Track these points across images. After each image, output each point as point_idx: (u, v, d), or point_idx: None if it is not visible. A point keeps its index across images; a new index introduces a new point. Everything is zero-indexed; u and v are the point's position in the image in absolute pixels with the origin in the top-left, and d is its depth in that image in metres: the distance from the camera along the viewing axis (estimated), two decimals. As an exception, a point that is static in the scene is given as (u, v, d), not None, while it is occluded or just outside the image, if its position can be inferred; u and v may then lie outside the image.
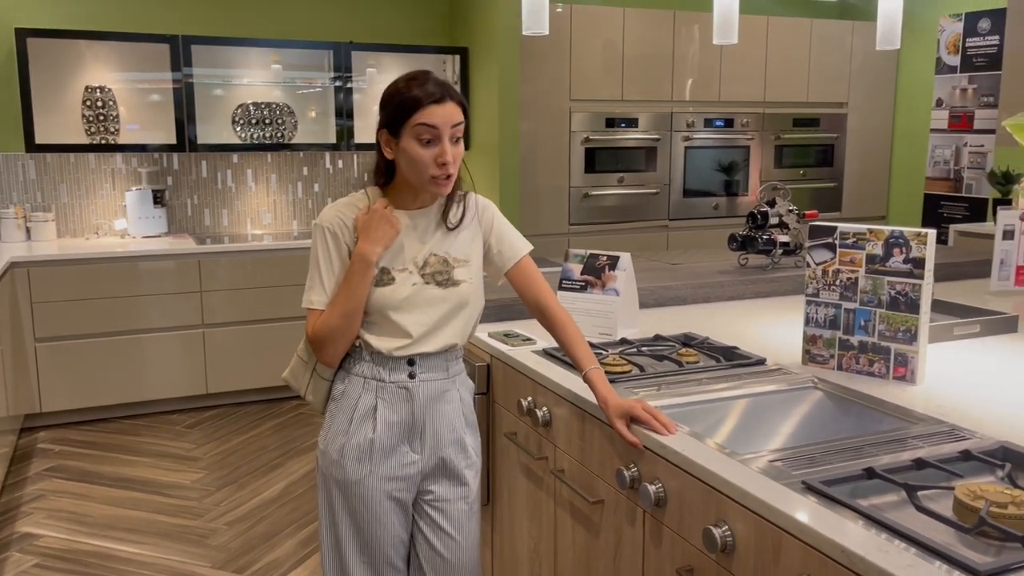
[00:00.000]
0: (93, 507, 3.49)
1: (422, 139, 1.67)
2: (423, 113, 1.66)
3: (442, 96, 1.67)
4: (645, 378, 1.91)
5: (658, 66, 5.50)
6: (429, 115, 1.66)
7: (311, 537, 3.24)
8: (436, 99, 1.67)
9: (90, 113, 4.72)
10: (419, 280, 1.77)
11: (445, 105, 1.67)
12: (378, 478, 1.79)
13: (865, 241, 1.88)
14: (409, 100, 1.67)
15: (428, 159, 1.68)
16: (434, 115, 1.66)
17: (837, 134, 6.13)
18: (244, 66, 5.10)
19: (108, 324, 4.43)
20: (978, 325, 2.31)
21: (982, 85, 5.58)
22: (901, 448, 1.49)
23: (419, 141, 1.68)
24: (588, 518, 1.84)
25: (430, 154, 1.68)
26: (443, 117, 1.67)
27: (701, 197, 5.77)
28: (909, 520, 1.22)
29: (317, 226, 1.78)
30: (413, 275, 1.77)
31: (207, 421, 4.56)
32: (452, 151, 1.69)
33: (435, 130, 1.67)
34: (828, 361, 1.98)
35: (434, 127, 1.67)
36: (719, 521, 1.39)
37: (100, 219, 4.93)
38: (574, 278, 2.38)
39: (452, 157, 1.69)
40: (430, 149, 1.68)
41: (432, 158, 1.68)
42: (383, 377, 1.78)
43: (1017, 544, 1.14)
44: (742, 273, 2.98)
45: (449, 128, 1.68)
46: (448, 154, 1.68)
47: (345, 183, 5.43)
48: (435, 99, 1.67)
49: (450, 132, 1.69)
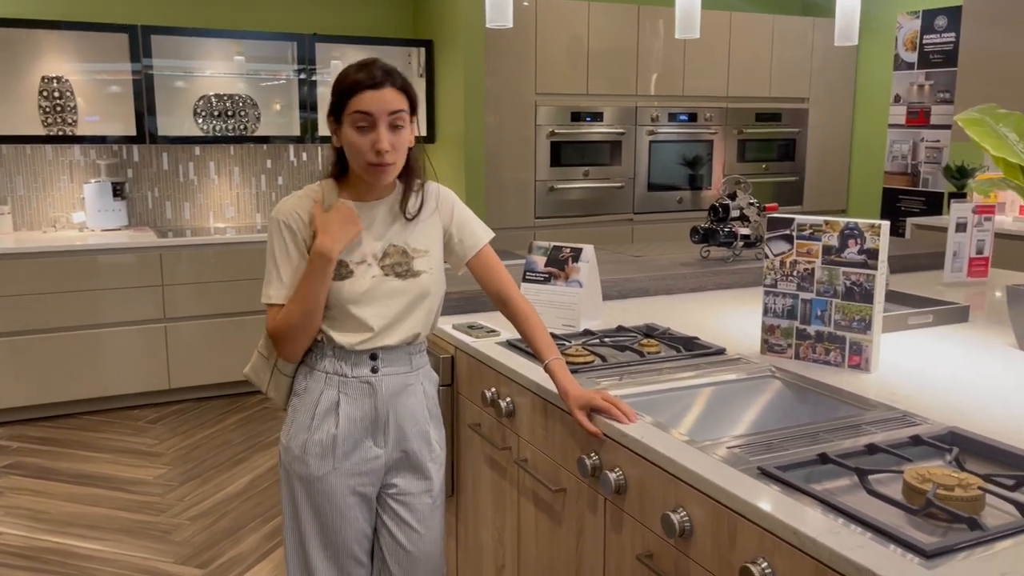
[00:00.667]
0: (53, 504, 3.45)
1: (358, 126, 1.66)
2: (357, 99, 1.65)
3: (379, 82, 1.65)
4: (607, 368, 1.93)
5: (623, 60, 5.53)
6: (362, 101, 1.65)
7: (276, 531, 3.22)
8: (371, 85, 1.65)
9: (47, 104, 4.63)
10: (379, 272, 1.76)
11: (381, 91, 1.65)
12: (341, 473, 1.79)
13: (821, 233, 1.92)
14: (346, 86, 1.66)
15: (365, 146, 1.67)
16: (368, 101, 1.65)
17: (799, 129, 6.22)
18: (206, 57, 5.04)
19: (67, 319, 4.36)
20: (931, 315, 2.37)
21: (939, 81, 5.70)
22: (854, 434, 1.53)
23: (355, 128, 1.67)
24: (551, 507, 1.86)
25: (366, 141, 1.67)
26: (378, 104, 1.65)
27: (665, 191, 5.83)
28: (860, 503, 1.25)
29: (273, 220, 1.77)
30: (372, 267, 1.76)
31: (170, 416, 4.51)
32: (390, 138, 1.67)
33: (370, 117, 1.65)
34: (786, 350, 2.02)
35: (368, 114, 1.65)
36: (677, 507, 1.41)
37: (58, 212, 4.85)
38: (538, 270, 2.40)
39: (389, 144, 1.67)
40: (366, 136, 1.67)
41: (369, 145, 1.67)
42: (345, 372, 1.77)
43: (963, 525, 1.18)
44: (704, 265, 3.02)
45: (385, 115, 1.66)
46: (383, 141, 1.66)
47: (309, 176, 5.39)
48: (370, 85, 1.65)
49: (387, 119, 1.66)
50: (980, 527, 1.16)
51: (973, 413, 1.64)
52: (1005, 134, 2.11)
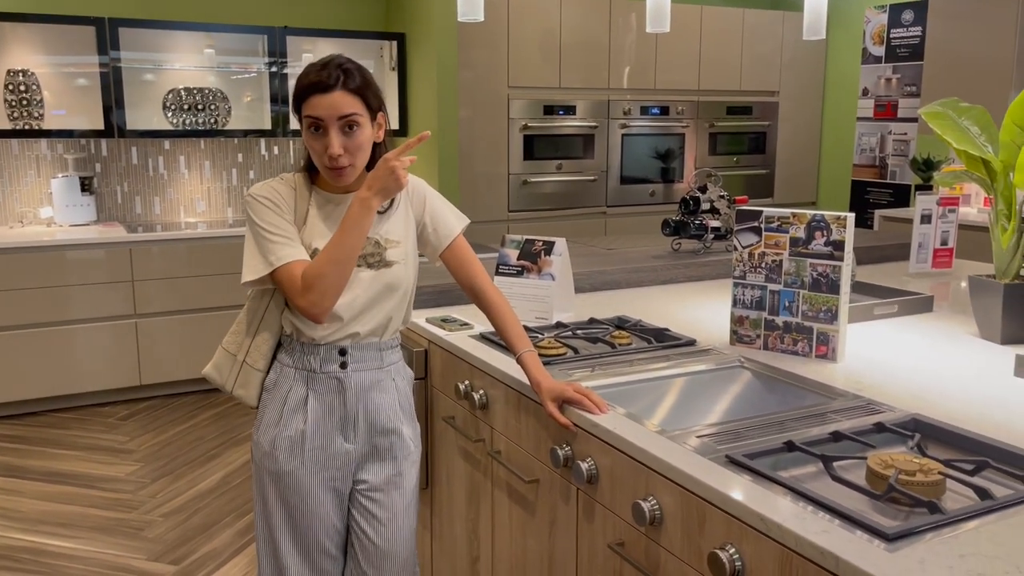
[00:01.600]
0: (23, 502, 3.41)
1: (311, 129, 1.66)
2: (308, 104, 1.65)
3: (329, 85, 1.63)
4: (579, 360, 1.95)
5: (595, 54, 5.55)
6: (311, 106, 1.65)
7: (249, 527, 3.21)
8: (321, 89, 1.63)
9: (12, 97, 4.56)
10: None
11: (330, 95, 1.63)
12: (310, 469, 1.78)
13: (789, 225, 1.95)
14: (298, 90, 1.67)
15: (319, 149, 1.67)
16: (316, 107, 1.64)
17: (769, 122, 6.28)
18: (175, 50, 4.98)
19: (35, 315, 4.30)
20: (896, 305, 2.41)
21: (905, 75, 5.78)
22: (820, 422, 1.56)
23: (309, 131, 1.67)
24: (524, 497, 1.87)
25: (319, 145, 1.67)
26: (327, 108, 1.64)
27: (638, 184, 5.86)
28: (825, 489, 1.28)
29: (251, 198, 1.73)
30: None
31: (141, 412, 4.47)
32: (342, 141, 1.65)
33: (320, 121, 1.65)
34: (755, 341, 2.05)
35: (318, 119, 1.65)
36: (648, 496, 1.43)
37: (25, 207, 4.78)
38: (510, 263, 2.41)
39: (340, 148, 1.65)
40: (319, 140, 1.66)
41: (321, 149, 1.67)
42: (314, 367, 1.77)
43: (923, 509, 1.21)
44: (675, 258, 3.05)
45: (335, 120, 1.64)
46: (334, 146, 1.65)
47: (281, 170, 5.36)
48: (320, 89, 1.63)
49: (338, 124, 1.65)
50: (940, 511, 1.19)
51: (935, 400, 1.68)
52: (967, 127, 2.16)
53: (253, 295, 1.83)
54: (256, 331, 1.82)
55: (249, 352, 1.82)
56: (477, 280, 1.88)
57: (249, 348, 1.82)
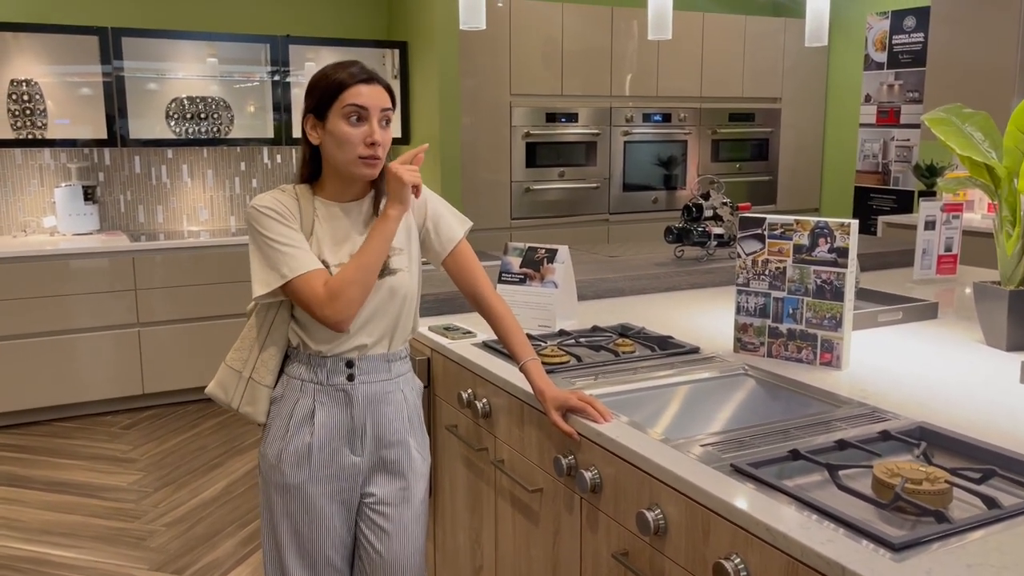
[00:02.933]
0: (26, 512, 3.40)
1: (350, 119, 1.66)
2: (351, 92, 1.66)
3: (370, 78, 1.69)
4: (582, 368, 1.94)
5: (597, 61, 5.56)
6: (357, 95, 1.66)
7: (251, 536, 3.20)
8: (364, 79, 1.67)
9: (16, 107, 4.57)
10: None
11: (373, 86, 1.68)
12: (317, 482, 1.77)
13: (792, 232, 1.95)
14: (336, 82, 1.67)
15: (357, 138, 1.67)
16: (363, 95, 1.66)
17: (771, 129, 6.28)
18: (178, 59, 4.99)
19: (38, 324, 4.30)
20: (901, 312, 2.40)
21: (908, 81, 5.78)
22: (825, 430, 1.55)
23: (347, 120, 1.66)
24: (527, 507, 1.86)
25: (359, 133, 1.67)
26: (372, 98, 1.67)
27: (640, 191, 5.86)
28: (830, 498, 1.27)
29: (254, 210, 1.71)
30: None
31: (144, 422, 4.47)
32: (381, 133, 1.69)
33: (364, 110, 1.66)
34: (758, 348, 2.04)
35: (363, 107, 1.66)
36: (652, 505, 1.42)
37: (28, 216, 4.78)
38: (513, 271, 2.40)
39: (381, 139, 1.69)
40: (359, 128, 1.67)
41: (361, 137, 1.67)
42: (320, 380, 1.76)
43: (931, 518, 1.20)
44: (678, 265, 3.05)
45: (378, 110, 1.68)
46: (378, 134, 1.68)
47: (284, 178, 5.36)
48: (363, 79, 1.67)
49: (379, 115, 1.68)
50: (947, 520, 1.18)
51: (941, 408, 1.67)
52: (971, 133, 2.15)
53: (258, 309, 1.79)
54: (263, 345, 1.79)
55: (256, 368, 1.79)
56: (480, 287, 1.86)
57: (256, 364, 1.79)
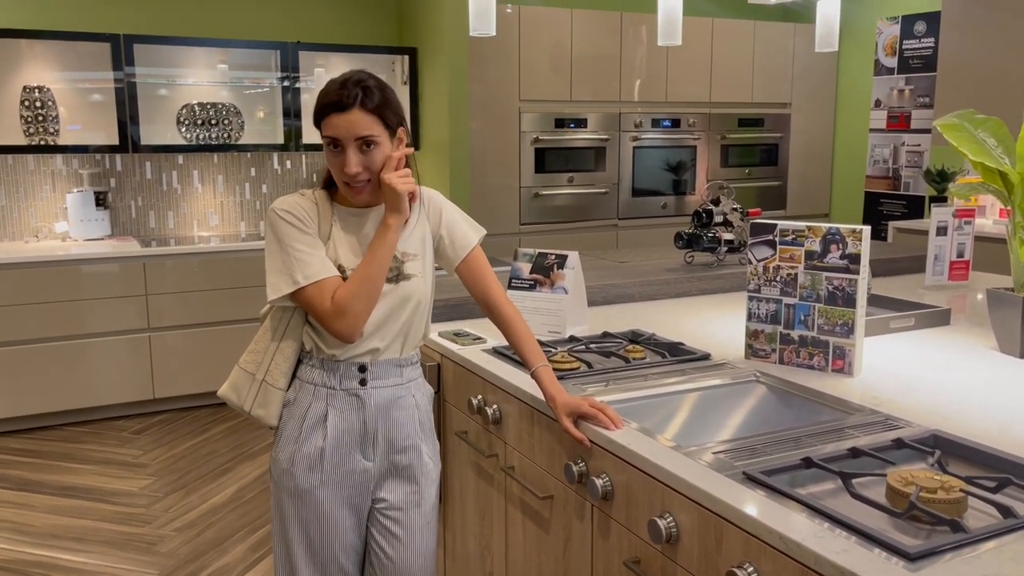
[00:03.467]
0: (36, 516, 3.41)
1: (330, 147, 1.68)
2: (326, 123, 1.67)
3: (347, 105, 1.64)
4: (593, 374, 1.94)
5: (606, 67, 5.56)
6: (329, 126, 1.66)
7: (261, 541, 3.21)
8: (339, 108, 1.64)
9: (28, 114, 4.60)
10: None
11: (348, 114, 1.64)
12: (329, 487, 1.78)
13: (804, 238, 1.94)
14: (318, 107, 1.68)
15: (336, 166, 1.69)
16: (334, 127, 1.65)
17: (781, 134, 6.27)
18: (189, 66, 5.02)
19: (50, 329, 4.32)
20: (913, 319, 2.39)
21: (918, 86, 5.76)
22: (838, 438, 1.54)
23: (329, 149, 1.68)
24: (538, 514, 1.86)
25: (337, 163, 1.68)
26: (344, 129, 1.65)
27: (650, 196, 5.85)
28: (844, 507, 1.26)
29: (274, 212, 1.72)
30: None
31: (154, 427, 4.48)
32: (359, 160, 1.66)
33: (338, 141, 1.66)
34: (770, 355, 2.03)
35: (335, 139, 1.66)
36: (664, 513, 1.42)
37: (40, 222, 4.81)
38: (523, 277, 2.40)
39: (358, 167, 1.66)
40: (338, 157, 1.68)
41: (339, 166, 1.68)
42: (333, 384, 1.76)
43: (946, 527, 1.19)
44: (688, 270, 3.04)
45: (352, 140, 1.65)
46: (351, 165, 1.66)
47: (294, 184, 5.38)
48: (337, 108, 1.64)
49: (354, 144, 1.66)
50: (963, 529, 1.17)
51: (955, 416, 1.66)
52: (983, 139, 2.14)
53: (273, 312, 1.80)
54: (277, 348, 1.79)
55: (269, 371, 1.79)
56: (492, 293, 1.86)
57: (269, 366, 1.79)
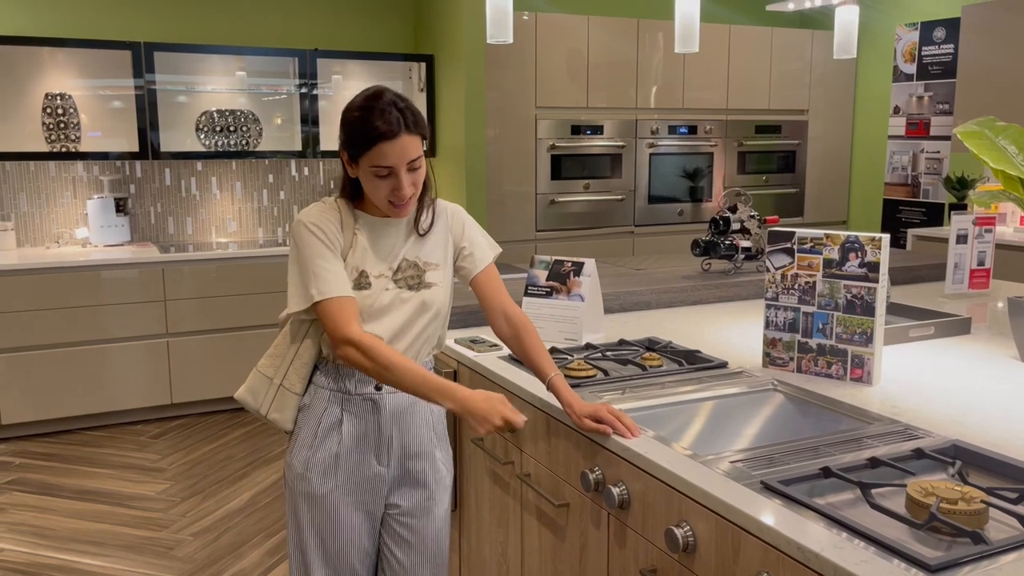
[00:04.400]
0: (55, 520, 3.44)
1: (378, 175, 1.66)
2: (376, 153, 1.64)
3: (396, 132, 1.63)
4: (609, 382, 1.93)
5: (622, 74, 5.56)
6: (382, 156, 1.64)
7: (278, 546, 3.22)
8: (390, 136, 1.63)
9: (50, 121, 4.66)
10: (392, 285, 1.77)
11: (399, 141, 1.64)
12: (343, 491, 1.78)
13: (822, 246, 1.93)
14: (363, 137, 1.64)
15: (384, 190, 1.68)
16: (387, 155, 1.64)
17: (798, 141, 6.24)
18: (208, 73, 5.06)
19: (70, 334, 4.37)
20: (932, 327, 2.37)
21: (938, 93, 5.72)
22: (857, 447, 1.53)
23: (375, 175, 1.66)
24: (554, 521, 1.86)
25: (386, 185, 1.67)
26: (397, 156, 1.64)
27: (666, 203, 5.84)
28: (863, 517, 1.25)
29: (300, 224, 1.73)
30: (387, 280, 1.76)
31: (172, 431, 4.51)
32: (409, 180, 1.68)
33: (390, 168, 1.65)
34: (788, 363, 2.02)
35: (388, 167, 1.65)
36: (681, 522, 1.41)
37: (61, 228, 4.86)
38: (539, 284, 2.40)
39: (410, 188, 1.68)
40: (386, 182, 1.67)
41: (388, 189, 1.67)
42: (348, 389, 1.77)
43: (967, 539, 1.18)
44: (705, 278, 3.03)
45: (404, 165, 1.66)
46: (404, 188, 1.67)
47: (311, 190, 5.41)
48: (388, 137, 1.63)
49: (406, 167, 1.66)
50: (984, 541, 1.16)
51: (976, 426, 1.65)
52: (1004, 147, 2.12)
53: (292, 318, 1.82)
54: (296, 354, 1.81)
55: (287, 375, 1.81)
56: (509, 305, 1.88)
57: (287, 371, 1.81)
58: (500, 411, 1.63)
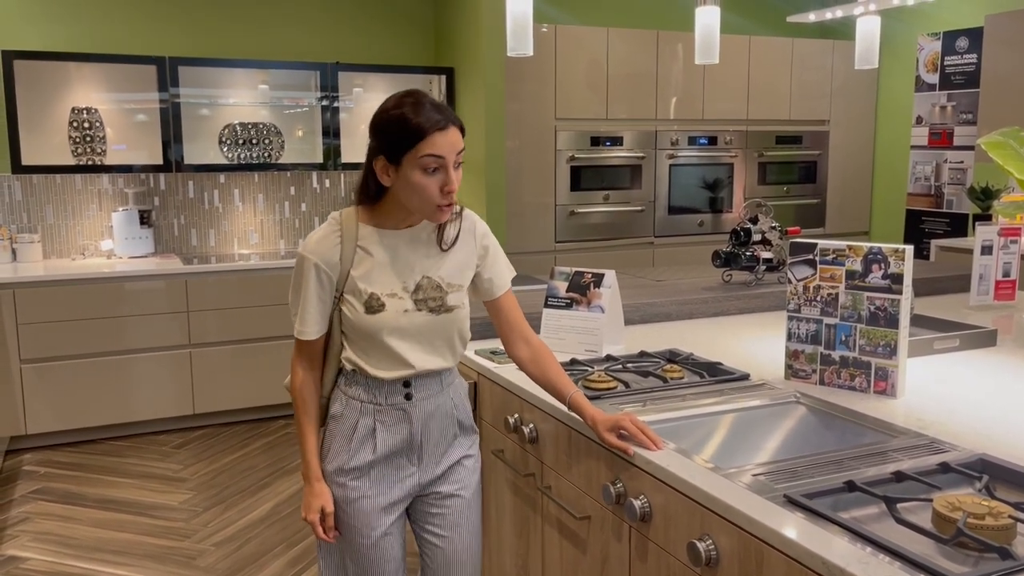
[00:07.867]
0: (79, 529, 3.47)
1: (428, 169, 1.64)
2: (428, 143, 1.62)
3: (446, 123, 1.64)
4: (630, 394, 1.93)
5: (642, 85, 5.56)
6: (435, 145, 1.62)
7: (300, 556, 3.23)
8: (442, 127, 1.63)
9: (77, 134, 4.73)
10: (411, 307, 1.74)
11: (449, 132, 1.64)
12: (376, 495, 1.80)
13: (845, 257, 1.92)
14: (412, 129, 1.62)
15: (434, 189, 1.65)
16: (440, 145, 1.63)
17: (819, 151, 6.21)
18: (231, 86, 5.12)
19: (94, 345, 4.41)
20: (957, 339, 2.35)
21: (961, 102, 5.67)
22: (881, 461, 1.52)
23: (424, 171, 1.64)
24: (575, 534, 1.85)
25: (436, 182, 1.65)
26: (449, 146, 1.64)
27: (686, 214, 5.82)
28: (889, 532, 1.24)
29: (303, 258, 1.75)
30: (405, 301, 1.74)
31: (195, 441, 4.54)
32: (456, 178, 1.68)
33: (442, 159, 1.64)
34: (810, 376, 2.01)
35: (441, 157, 1.63)
36: (703, 535, 1.40)
37: (86, 240, 4.93)
38: (559, 295, 2.40)
39: (457, 184, 1.68)
40: (435, 177, 1.65)
41: (438, 187, 1.65)
42: (380, 400, 1.78)
43: (994, 555, 1.16)
44: (726, 289, 3.02)
45: (454, 156, 1.66)
46: (454, 182, 1.66)
47: (332, 202, 5.45)
48: (439, 127, 1.63)
49: (455, 160, 1.66)
50: (1012, 557, 1.15)
51: (1003, 439, 1.63)
52: (1029, 157, 2.11)
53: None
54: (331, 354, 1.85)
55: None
56: (525, 327, 1.89)
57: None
58: (314, 510, 1.80)
